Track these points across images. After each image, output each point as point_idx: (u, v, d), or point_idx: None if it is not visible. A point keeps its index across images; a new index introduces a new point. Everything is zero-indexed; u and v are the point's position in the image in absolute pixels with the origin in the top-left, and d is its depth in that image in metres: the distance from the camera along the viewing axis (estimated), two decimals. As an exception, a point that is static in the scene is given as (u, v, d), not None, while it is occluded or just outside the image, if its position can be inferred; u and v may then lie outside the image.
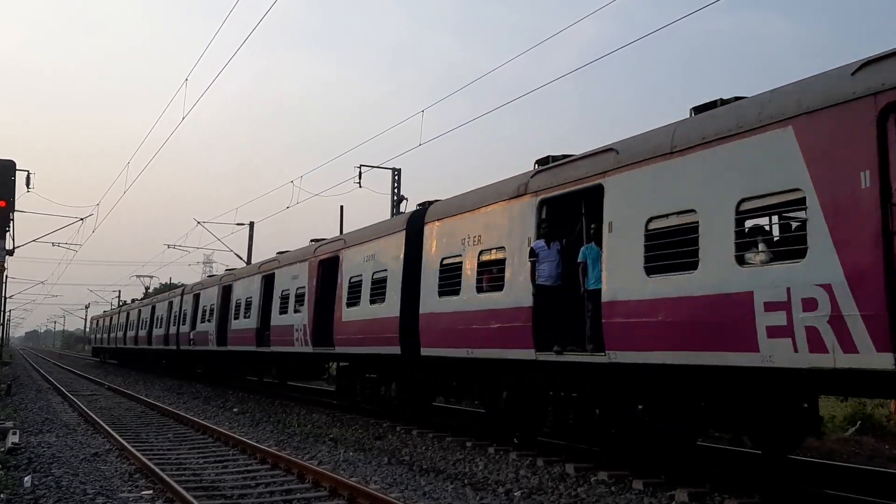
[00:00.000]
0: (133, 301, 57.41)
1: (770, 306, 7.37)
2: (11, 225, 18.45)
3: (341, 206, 35.89)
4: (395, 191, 29.55)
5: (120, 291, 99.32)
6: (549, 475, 10.38)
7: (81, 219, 35.64)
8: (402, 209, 28.46)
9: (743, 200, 7.86)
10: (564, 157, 11.45)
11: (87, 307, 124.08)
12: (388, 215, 28.24)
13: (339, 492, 9.01)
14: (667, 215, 8.82)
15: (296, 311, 20.51)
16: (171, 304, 36.12)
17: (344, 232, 23.74)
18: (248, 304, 24.89)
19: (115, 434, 14.28)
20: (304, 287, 20.27)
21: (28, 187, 24.82)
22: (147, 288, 63.39)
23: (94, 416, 17.47)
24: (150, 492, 9.50)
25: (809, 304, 7.02)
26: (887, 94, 6.65)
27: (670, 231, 8.79)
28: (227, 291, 27.38)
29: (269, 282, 23.43)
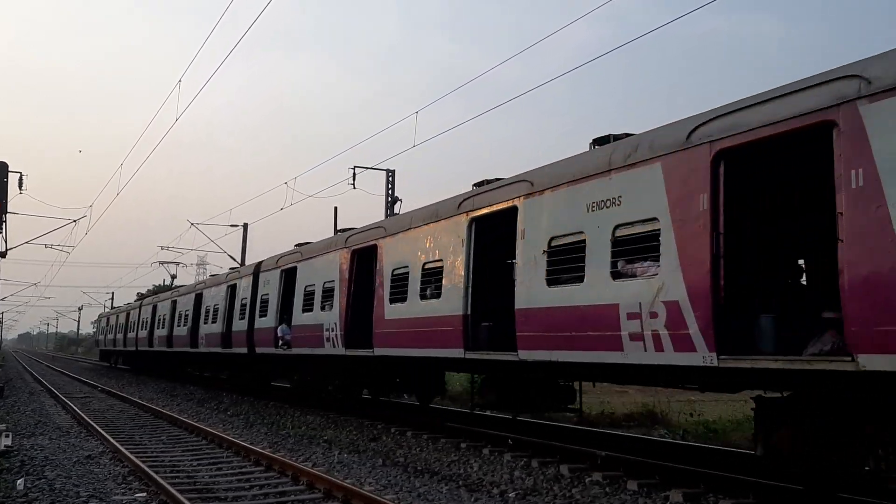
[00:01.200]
0: (146, 293, 48.80)
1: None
2: (4, 227, 18.39)
3: (335, 208, 35.84)
4: (390, 192, 29.54)
5: (113, 293, 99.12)
6: (543, 476, 10.39)
7: (74, 220, 35.59)
8: (395, 210, 28.45)
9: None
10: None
11: (79, 309, 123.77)
12: (382, 216, 28.21)
13: (334, 494, 9.00)
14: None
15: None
16: (231, 288, 26.22)
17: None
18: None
19: (108, 436, 14.24)
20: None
21: (20, 189, 24.76)
22: (173, 276, 52.46)
23: (87, 419, 17.41)
24: (144, 494, 9.47)
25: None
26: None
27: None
28: (290, 276, 21.39)
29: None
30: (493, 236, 12.60)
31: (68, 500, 9.01)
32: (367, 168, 29.90)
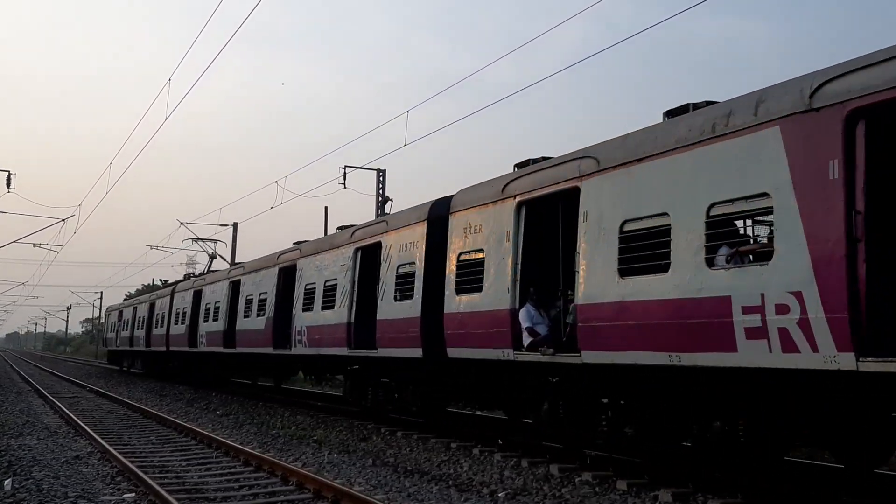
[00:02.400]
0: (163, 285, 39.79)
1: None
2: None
3: (326, 207, 35.84)
4: (380, 192, 29.52)
5: (102, 293, 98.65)
6: (533, 476, 10.40)
7: (63, 220, 35.35)
8: (386, 210, 28.43)
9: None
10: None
11: (68, 308, 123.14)
12: (373, 216, 28.19)
13: (324, 494, 8.99)
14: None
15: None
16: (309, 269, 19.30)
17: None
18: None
19: (96, 436, 14.17)
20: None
21: (9, 188, 24.64)
22: (213, 256, 37.80)
23: (75, 419, 17.32)
24: (133, 494, 9.43)
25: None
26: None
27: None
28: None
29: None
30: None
31: (56, 500, 8.95)
32: (358, 168, 29.90)
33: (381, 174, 29.60)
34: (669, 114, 9.64)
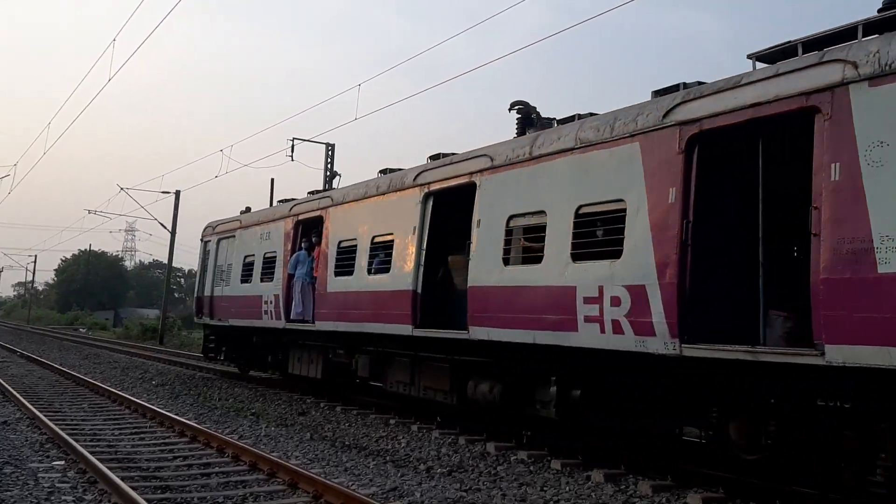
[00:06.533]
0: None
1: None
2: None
3: (272, 179, 35.38)
4: (329, 166, 29.22)
5: (36, 256, 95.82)
6: (470, 453, 10.52)
7: (-3, 178, 34.06)
8: (334, 185, 28.19)
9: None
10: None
11: (0, 271, 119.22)
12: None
13: (260, 466, 8.94)
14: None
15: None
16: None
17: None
18: None
19: (26, 402, 13.82)
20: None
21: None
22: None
23: (3, 384, 16.84)
24: (62, 462, 9.25)
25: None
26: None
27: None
28: None
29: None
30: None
31: (-19, 466, 8.72)
32: (306, 140, 29.51)
33: (331, 148, 29.29)
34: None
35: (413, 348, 12.57)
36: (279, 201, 20.10)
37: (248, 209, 20.96)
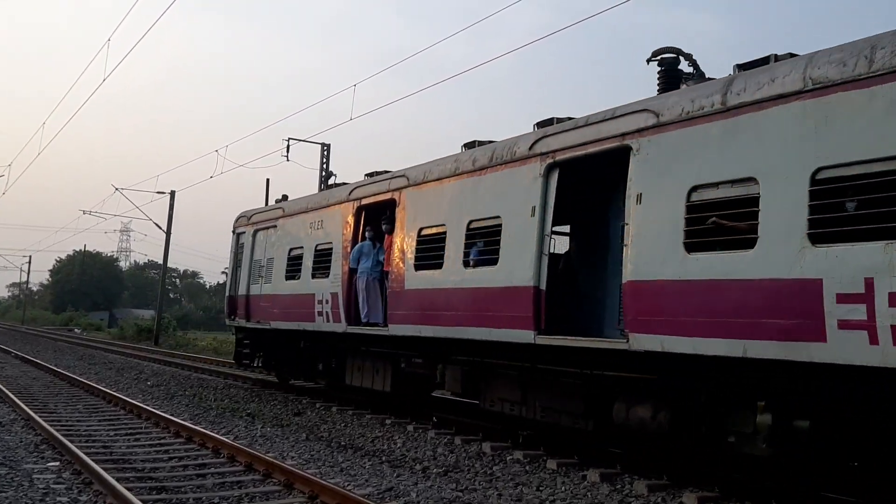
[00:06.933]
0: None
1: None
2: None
3: (267, 179, 35.38)
4: (324, 166, 29.20)
5: (30, 257, 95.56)
6: (465, 453, 10.52)
7: (-9, 179, 33.96)
8: (330, 185, 28.15)
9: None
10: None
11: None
12: (316, 190, 27.92)
13: (255, 467, 8.92)
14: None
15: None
16: None
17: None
18: None
19: (20, 403, 13.77)
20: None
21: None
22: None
23: (-2, 385, 16.79)
24: (57, 463, 9.22)
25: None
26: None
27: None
28: None
29: None
30: None
31: (-25, 467, 8.69)
32: (302, 140, 29.48)
33: (326, 148, 29.27)
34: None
35: (530, 359, 10.22)
36: (329, 186, 17.80)
37: (284, 197, 18.66)
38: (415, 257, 12.00)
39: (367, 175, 14.93)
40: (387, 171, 14.14)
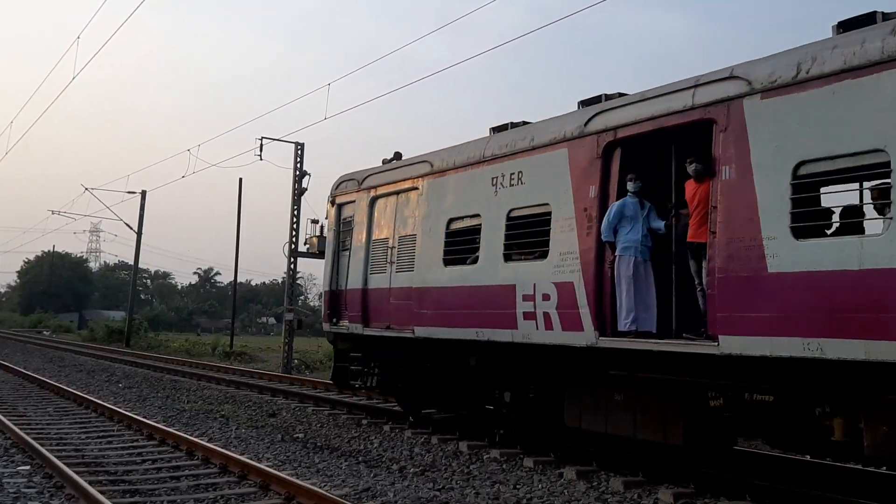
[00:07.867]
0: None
1: None
2: None
3: (240, 179, 34.98)
4: (298, 165, 28.99)
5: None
6: (442, 453, 10.51)
7: (-44, 178, 33.30)
8: (304, 185, 27.98)
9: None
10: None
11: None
12: (289, 191, 27.73)
13: (231, 468, 8.84)
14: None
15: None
16: None
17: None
18: None
19: (-11, 407, 13.53)
20: None
21: None
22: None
23: (-35, 388, 16.49)
24: (28, 467, 9.07)
25: None
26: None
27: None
28: None
29: None
30: None
31: (-57, 472, 8.52)
32: (276, 139, 29.21)
33: (300, 147, 29.05)
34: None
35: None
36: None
37: (398, 155, 13.70)
38: (778, 214, 6.95)
39: (605, 96, 9.64)
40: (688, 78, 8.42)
